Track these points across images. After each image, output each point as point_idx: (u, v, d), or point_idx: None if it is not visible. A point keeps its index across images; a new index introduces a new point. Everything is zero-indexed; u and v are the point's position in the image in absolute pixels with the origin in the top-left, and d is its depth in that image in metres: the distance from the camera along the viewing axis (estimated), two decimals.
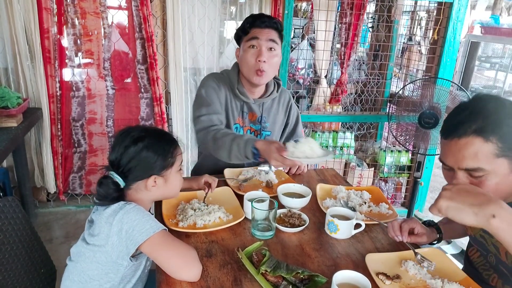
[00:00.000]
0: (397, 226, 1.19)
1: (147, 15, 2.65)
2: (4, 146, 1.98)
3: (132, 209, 1.03)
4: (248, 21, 1.64)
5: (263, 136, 1.80)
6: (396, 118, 2.74)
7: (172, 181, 1.15)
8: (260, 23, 1.61)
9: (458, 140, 0.93)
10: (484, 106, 0.94)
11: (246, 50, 1.62)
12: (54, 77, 2.69)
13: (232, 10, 3.07)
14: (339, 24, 3.20)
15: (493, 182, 0.93)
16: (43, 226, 2.75)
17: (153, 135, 1.13)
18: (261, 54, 1.58)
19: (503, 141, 0.90)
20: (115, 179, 1.07)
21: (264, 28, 1.60)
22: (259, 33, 1.59)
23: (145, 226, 1.00)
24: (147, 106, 2.95)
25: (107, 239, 1.00)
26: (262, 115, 1.77)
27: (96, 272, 1.05)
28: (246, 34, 1.63)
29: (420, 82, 2.71)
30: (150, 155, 1.09)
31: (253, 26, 1.61)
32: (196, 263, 1.03)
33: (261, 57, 1.58)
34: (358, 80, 3.37)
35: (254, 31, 1.61)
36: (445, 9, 2.68)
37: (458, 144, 0.93)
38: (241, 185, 1.53)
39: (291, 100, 1.89)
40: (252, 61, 1.60)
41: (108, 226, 1.00)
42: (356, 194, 1.52)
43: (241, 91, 1.70)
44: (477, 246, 1.20)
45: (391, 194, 3.30)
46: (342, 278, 0.96)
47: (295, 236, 1.25)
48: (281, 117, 1.85)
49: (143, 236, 0.99)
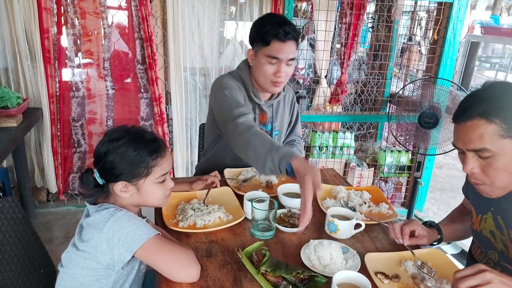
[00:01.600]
0: (398, 229, 1.19)
1: (146, 15, 2.65)
2: (4, 146, 1.98)
3: (123, 216, 1.01)
4: (270, 31, 1.52)
5: (273, 136, 1.81)
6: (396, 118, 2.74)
7: (147, 192, 1.07)
8: (283, 36, 1.52)
9: (464, 124, 0.99)
10: (492, 92, 0.98)
11: (264, 62, 1.57)
12: (54, 77, 2.68)
13: (232, 10, 3.06)
14: (339, 24, 3.20)
15: (501, 163, 0.96)
16: (43, 226, 2.75)
17: (132, 139, 1.04)
18: (280, 70, 1.56)
19: (507, 122, 0.93)
20: (94, 175, 1.05)
21: (286, 42, 1.53)
22: (281, 51, 1.53)
23: (138, 233, 0.98)
24: (147, 106, 2.95)
25: (97, 246, 0.99)
26: (272, 116, 1.77)
27: (88, 278, 1.04)
28: (266, 44, 1.54)
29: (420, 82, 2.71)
30: (118, 160, 1.03)
31: (275, 38, 1.52)
32: (193, 264, 1.02)
33: (280, 74, 1.56)
34: (358, 80, 3.37)
35: (275, 45, 1.53)
36: (445, 9, 2.68)
37: (465, 127, 0.99)
38: (241, 185, 1.53)
39: (294, 98, 1.89)
40: (269, 74, 1.57)
41: (98, 233, 0.99)
42: (356, 194, 1.52)
43: (255, 94, 1.68)
44: (478, 243, 1.20)
45: (391, 194, 3.30)
46: (342, 278, 0.96)
47: (295, 236, 1.24)
48: (287, 116, 1.86)
49: (137, 243, 0.97)
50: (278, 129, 1.82)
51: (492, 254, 1.13)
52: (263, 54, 1.56)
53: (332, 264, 1.07)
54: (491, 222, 1.13)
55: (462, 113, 1.00)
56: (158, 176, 1.07)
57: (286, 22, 1.55)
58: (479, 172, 1.00)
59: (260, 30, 1.55)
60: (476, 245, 1.22)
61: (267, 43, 1.53)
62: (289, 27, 1.53)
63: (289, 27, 1.53)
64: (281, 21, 1.56)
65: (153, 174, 1.06)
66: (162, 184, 1.10)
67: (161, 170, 1.07)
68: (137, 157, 1.03)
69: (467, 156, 1.01)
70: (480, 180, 1.02)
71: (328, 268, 1.06)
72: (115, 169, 1.03)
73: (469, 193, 1.27)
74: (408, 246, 1.16)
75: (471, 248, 1.28)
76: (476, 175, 1.01)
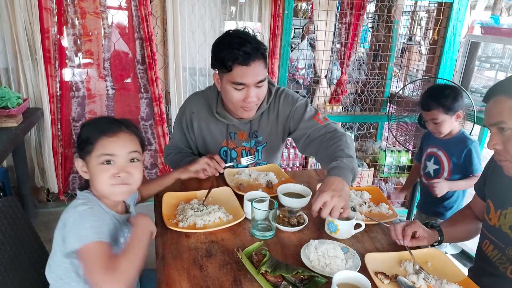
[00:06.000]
0: (400, 230, 1.19)
1: (145, 15, 2.65)
2: (4, 146, 1.98)
3: (82, 211, 0.99)
4: (228, 55, 1.36)
5: (260, 150, 1.72)
6: (396, 118, 2.74)
7: (93, 173, 1.05)
8: (245, 60, 1.35)
9: (489, 101, 1.07)
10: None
11: (230, 89, 1.43)
12: (55, 77, 2.69)
13: (232, 10, 3.07)
14: (339, 24, 3.20)
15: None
16: (43, 226, 2.75)
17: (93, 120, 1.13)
18: (249, 95, 1.42)
19: None
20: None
21: (250, 65, 1.36)
22: (246, 76, 1.38)
23: (80, 233, 0.95)
24: (147, 106, 2.95)
25: (56, 236, 1.01)
26: (252, 131, 1.65)
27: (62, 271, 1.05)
28: (228, 70, 1.39)
29: (420, 82, 2.71)
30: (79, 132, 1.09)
31: (236, 63, 1.37)
32: (117, 285, 0.90)
33: (249, 99, 1.43)
34: (358, 80, 3.37)
35: (238, 70, 1.37)
36: (445, 9, 2.68)
37: (489, 105, 1.07)
38: (241, 185, 1.53)
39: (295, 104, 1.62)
40: (238, 100, 1.45)
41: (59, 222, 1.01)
42: (356, 194, 1.52)
43: (221, 114, 1.58)
44: (495, 239, 1.20)
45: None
46: (342, 278, 0.96)
47: (295, 236, 1.24)
48: (279, 125, 1.66)
49: (75, 243, 0.94)
50: (265, 141, 1.69)
51: (510, 251, 1.13)
52: (227, 81, 1.43)
53: (332, 264, 1.07)
54: (511, 218, 1.13)
55: (488, 93, 1.07)
56: (99, 154, 1.03)
57: (245, 41, 1.36)
58: (501, 148, 1.04)
59: (218, 55, 1.40)
60: (487, 241, 1.22)
61: (228, 69, 1.39)
62: (250, 46, 1.36)
63: (249, 47, 1.36)
64: (239, 41, 1.37)
65: (95, 152, 1.04)
66: (107, 168, 1.04)
67: (103, 149, 1.03)
68: (85, 132, 1.06)
69: (491, 132, 1.06)
70: (503, 157, 1.06)
71: (328, 268, 1.06)
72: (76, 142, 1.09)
73: (487, 189, 1.27)
74: (408, 248, 1.16)
75: (480, 245, 1.28)
76: (499, 151, 1.05)
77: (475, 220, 1.37)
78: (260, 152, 1.73)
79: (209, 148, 1.70)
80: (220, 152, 1.70)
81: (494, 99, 1.04)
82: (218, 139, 1.67)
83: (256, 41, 1.42)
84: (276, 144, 1.73)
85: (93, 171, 1.05)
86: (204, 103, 1.65)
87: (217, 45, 1.46)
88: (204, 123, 1.65)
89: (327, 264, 1.07)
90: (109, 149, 1.04)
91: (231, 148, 1.70)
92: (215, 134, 1.66)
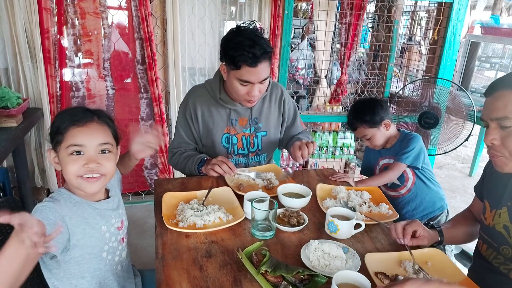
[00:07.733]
0: (400, 229, 1.19)
1: (145, 15, 2.65)
2: (4, 146, 1.98)
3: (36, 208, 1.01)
4: (239, 56, 1.45)
5: (259, 137, 1.79)
6: (396, 118, 2.74)
7: (62, 164, 1.04)
8: (253, 62, 1.45)
9: (492, 95, 1.04)
10: None
11: (236, 83, 1.55)
12: (54, 77, 2.68)
13: (232, 10, 3.07)
14: (339, 24, 3.20)
15: None
16: None
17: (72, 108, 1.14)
18: (253, 90, 1.54)
19: None
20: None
21: (257, 66, 1.47)
22: (252, 76, 1.49)
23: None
24: (147, 106, 2.95)
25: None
26: (252, 118, 1.75)
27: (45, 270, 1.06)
28: (236, 67, 1.49)
29: (420, 82, 2.71)
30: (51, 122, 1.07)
31: (245, 63, 1.47)
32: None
33: (253, 94, 1.55)
34: (358, 80, 3.37)
35: (245, 70, 1.48)
36: (445, 9, 2.68)
37: (492, 98, 1.04)
38: (241, 185, 1.53)
39: (284, 94, 1.83)
40: (242, 94, 1.57)
41: None
42: (356, 194, 1.52)
43: (224, 99, 1.68)
44: (489, 238, 1.20)
45: None
46: (342, 278, 0.96)
47: (295, 236, 1.24)
48: (275, 114, 1.82)
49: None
50: (265, 130, 1.79)
51: (505, 250, 1.13)
52: (234, 76, 1.54)
53: (332, 264, 1.07)
54: (505, 217, 1.13)
55: (492, 86, 1.05)
56: (69, 145, 1.02)
57: (255, 43, 1.45)
58: (499, 144, 1.03)
59: (229, 53, 1.49)
60: (481, 241, 1.22)
61: (237, 67, 1.49)
62: (259, 48, 1.45)
63: (259, 49, 1.44)
64: (250, 43, 1.45)
65: (65, 142, 1.02)
66: (75, 159, 1.03)
67: (72, 139, 1.02)
68: (56, 122, 1.05)
69: (489, 127, 1.04)
70: (499, 152, 1.04)
71: (328, 268, 1.06)
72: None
73: (484, 189, 1.27)
74: (408, 247, 1.16)
75: (477, 245, 1.28)
76: (496, 146, 1.04)
77: (476, 222, 1.37)
78: (259, 139, 1.80)
79: (213, 135, 1.74)
80: (222, 139, 1.76)
81: (497, 92, 1.01)
82: (220, 125, 1.74)
83: (265, 42, 1.50)
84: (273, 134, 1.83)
85: (62, 162, 1.03)
86: (205, 93, 1.73)
87: (228, 42, 1.52)
88: (207, 111, 1.73)
89: (327, 264, 1.07)
90: (79, 139, 1.02)
91: (232, 134, 1.76)
92: (218, 121, 1.73)
